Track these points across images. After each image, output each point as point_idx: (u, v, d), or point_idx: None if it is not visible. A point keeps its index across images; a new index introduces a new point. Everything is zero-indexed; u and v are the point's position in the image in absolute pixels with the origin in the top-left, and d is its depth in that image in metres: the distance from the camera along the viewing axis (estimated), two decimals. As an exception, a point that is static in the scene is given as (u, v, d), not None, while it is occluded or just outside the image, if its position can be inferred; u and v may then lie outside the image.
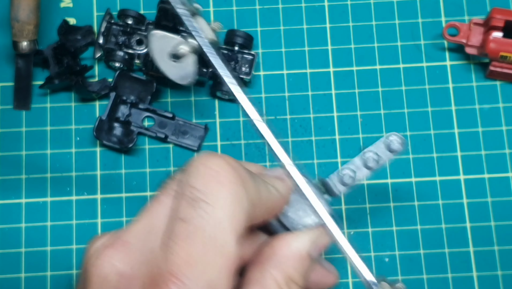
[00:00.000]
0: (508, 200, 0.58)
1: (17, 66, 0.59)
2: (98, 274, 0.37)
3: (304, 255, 0.42)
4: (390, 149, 0.47)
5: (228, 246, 0.37)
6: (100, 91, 0.59)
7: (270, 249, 0.42)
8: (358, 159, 0.48)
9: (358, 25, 0.61)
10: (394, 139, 0.47)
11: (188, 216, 0.37)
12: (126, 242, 0.38)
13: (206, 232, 0.36)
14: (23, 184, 0.58)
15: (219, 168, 0.38)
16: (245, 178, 0.39)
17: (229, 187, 0.38)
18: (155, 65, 0.57)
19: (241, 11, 0.62)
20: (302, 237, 0.42)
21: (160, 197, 0.40)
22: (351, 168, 0.47)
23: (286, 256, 0.42)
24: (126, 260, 0.37)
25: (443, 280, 0.56)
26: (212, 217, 0.37)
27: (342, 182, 0.47)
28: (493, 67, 0.59)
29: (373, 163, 0.47)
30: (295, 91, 0.60)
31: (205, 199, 0.37)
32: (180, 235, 0.36)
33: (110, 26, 0.60)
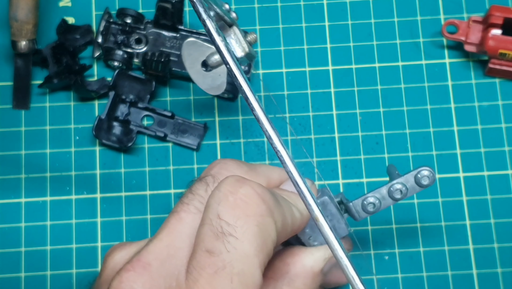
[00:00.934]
0: (507, 198, 0.58)
1: (16, 65, 0.59)
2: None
3: (316, 272, 0.42)
4: (419, 184, 0.47)
5: (255, 280, 0.37)
6: (99, 90, 0.59)
7: (284, 265, 0.42)
8: (385, 189, 0.47)
9: (357, 23, 0.61)
10: (426, 175, 0.47)
11: (216, 249, 0.36)
12: (148, 264, 0.38)
13: (234, 268, 0.36)
14: (22, 184, 0.58)
15: (249, 199, 0.38)
16: (273, 208, 0.38)
17: (258, 220, 0.37)
18: (152, 63, 0.57)
19: (240, 9, 0.62)
20: (316, 254, 0.42)
21: (181, 214, 0.39)
22: (377, 197, 0.47)
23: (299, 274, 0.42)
24: (147, 284, 0.37)
25: (443, 278, 0.56)
26: (240, 252, 0.36)
27: (365, 210, 0.47)
28: (492, 64, 0.59)
29: (399, 195, 0.47)
30: (294, 89, 0.60)
31: (233, 233, 0.37)
32: (207, 269, 0.36)
33: (109, 25, 0.60)
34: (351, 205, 0.47)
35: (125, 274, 0.37)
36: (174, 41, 0.60)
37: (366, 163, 0.58)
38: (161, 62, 0.57)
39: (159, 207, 0.57)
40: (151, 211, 0.57)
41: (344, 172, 0.58)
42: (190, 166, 0.58)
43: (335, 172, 0.58)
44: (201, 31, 0.60)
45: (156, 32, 0.60)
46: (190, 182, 0.42)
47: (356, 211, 0.47)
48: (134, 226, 0.57)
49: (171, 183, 0.58)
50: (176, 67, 0.59)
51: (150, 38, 0.60)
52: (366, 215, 0.47)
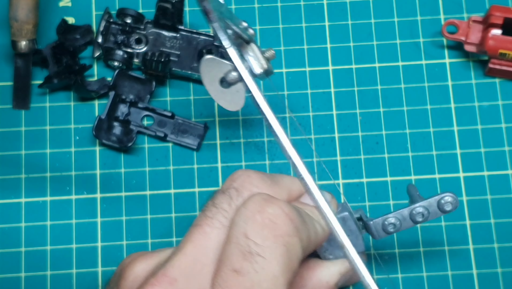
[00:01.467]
0: (507, 198, 0.58)
1: (16, 65, 0.59)
2: None
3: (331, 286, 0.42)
4: (442, 209, 0.47)
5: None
6: (99, 90, 0.59)
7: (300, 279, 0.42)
8: (407, 211, 0.48)
9: (357, 23, 0.61)
10: (449, 201, 0.47)
11: (243, 268, 0.36)
12: (174, 279, 0.37)
13: (261, 287, 0.36)
14: (22, 184, 0.58)
15: (277, 219, 0.38)
16: (300, 227, 0.38)
17: (286, 240, 0.37)
18: (152, 63, 0.57)
19: (240, 9, 0.62)
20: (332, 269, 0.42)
21: (205, 228, 0.39)
22: (398, 218, 0.47)
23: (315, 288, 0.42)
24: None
25: (443, 278, 0.56)
26: (268, 273, 0.36)
27: (385, 230, 0.48)
28: (492, 64, 0.59)
29: (420, 219, 0.47)
30: (294, 89, 0.60)
31: (261, 253, 0.37)
32: (232, 287, 0.36)
33: (109, 25, 0.60)
34: (372, 224, 0.48)
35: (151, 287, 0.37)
36: (174, 41, 0.60)
37: (366, 163, 0.58)
38: (161, 62, 0.57)
39: (159, 207, 0.57)
40: (151, 211, 0.57)
41: (344, 172, 0.58)
42: (190, 166, 0.58)
43: (335, 172, 0.58)
44: (202, 31, 0.60)
45: (156, 32, 0.60)
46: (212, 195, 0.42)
47: (376, 230, 0.48)
48: (134, 226, 0.57)
49: (171, 183, 0.58)
50: (176, 67, 0.59)
51: (150, 38, 0.60)
52: (385, 235, 0.48)
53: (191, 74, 0.59)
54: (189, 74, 0.59)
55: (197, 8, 0.62)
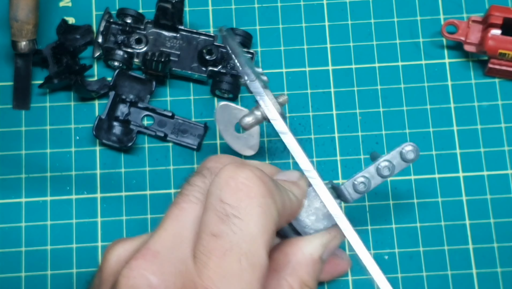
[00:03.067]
0: (507, 197, 0.58)
1: (16, 65, 0.59)
2: (129, 285, 0.37)
3: (316, 259, 0.43)
4: (405, 159, 0.48)
5: (262, 260, 0.38)
6: (100, 90, 0.59)
7: (284, 256, 0.43)
8: (372, 168, 0.48)
9: (356, 23, 0.61)
10: (410, 149, 0.48)
11: (221, 231, 0.37)
12: (156, 252, 0.38)
13: (240, 248, 0.37)
14: (23, 184, 0.58)
15: (249, 181, 0.38)
16: (273, 190, 0.39)
17: (260, 201, 0.38)
18: (152, 63, 0.57)
19: (240, 9, 0.62)
20: (314, 242, 0.43)
21: (182, 204, 0.40)
22: (366, 176, 0.48)
23: (300, 262, 0.42)
24: (158, 272, 0.38)
25: (443, 278, 0.56)
26: (246, 233, 0.37)
27: (356, 190, 0.48)
28: (491, 64, 0.59)
29: (387, 172, 0.48)
30: (294, 89, 0.60)
31: (237, 214, 0.37)
32: (212, 250, 0.37)
33: (109, 25, 0.60)
34: (343, 187, 0.48)
35: (135, 262, 0.38)
36: (174, 41, 0.60)
37: (366, 163, 0.58)
38: (161, 62, 0.57)
39: (159, 207, 0.57)
40: (151, 211, 0.57)
41: (344, 172, 0.58)
42: (190, 166, 0.58)
43: (335, 172, 0.58)
44: (201, 31, 0.60)
45: (156, 32, 0.60)
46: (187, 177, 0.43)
47: (348, 192, 0.48)
48: (134, 226, 0.57)
49: (171, 183, 0.58)
50: (176, 67, 0.59)
51: (150, 38, 0.60)
52: (357, 196, 0.48)
53: (191, 74, 0.59)
54: (189, 74, 0.59)
55: (197, 8, 0.62)
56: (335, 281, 0.56)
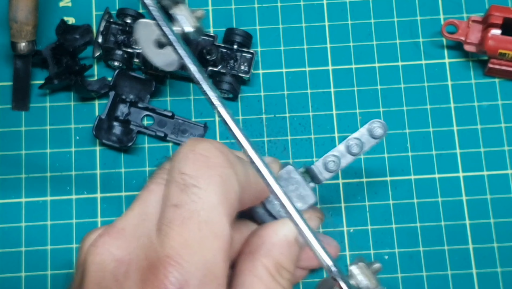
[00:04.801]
0: (507, 197, 0.58)
1: (16, 67, 0.59)
2: (95, 260, 0.38)
3: (291, 241, 0.43)
4: (373, 136, 0.49)
5: (223, 229, 0.37)
6: (100, 90, 0.59)
7: (259, 238, 0.43)
8: (342, 146, 0.49)
9: (356, 23, 0.61)
10: (376, 125, 0.49)
11: (180, 200, 0.37)
12: (121, 229, 0.38)
13: (201, 216, 0.37)
14: (23, 184, 0.58)
15: (208, 152, 0.39)
16: (234, 162, 0.40)
17: (219, 170, 0.38)
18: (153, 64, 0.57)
19: (239, 9, 0.62)
20: (288, 224, 0.43)
21: (150, 186, 0.40)
22: (336, 155, 0.49)
23: (274, 244, 0.42)
24: (123, 246, 0.38)
25: (443, 277, 0.56)
26: (205, 201, 0.37)
27: (327, 169, 0.48)
28: (491, 64, 0.59)
29: (356, 150, 0.49)
30: (294, 89, 0.60)
31: (196, 184, 0.37)
32: (174, 221, 0.37)
33: (109, 25, 0.60)
34: (314, 167, 0.48)
35: (100, 239, 0.38)
36: None
37: (366, 163, 0.58)
38: None
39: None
40: (151, 211, 0.57)
41: (344, 172, 0.58)
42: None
43: (335, 172, 0.58)
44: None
45: None
46: (158, 163, 0.43)
47: (319, 172, 0.48)
48: (134, 226, 0.57)
49: (171, 183, 0.58)
50: None
51: None
52: (329, 175, 0.48)
53: (190, 74, 0.59)
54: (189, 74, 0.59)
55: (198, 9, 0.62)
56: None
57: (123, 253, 0.38)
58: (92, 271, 0.38)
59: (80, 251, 0.41)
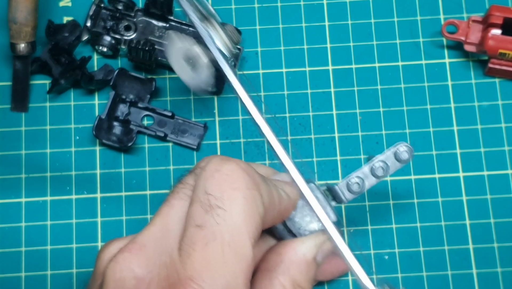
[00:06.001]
0: (507, 197, 0.58)
1: (15, 68, 0.59)
2: (116, 278, 0.38)
3: (310, 260, 0.43)
4: (399, 159, 0.48)
5: (246, 251, 0.37)
6: (106, 77, 0.59)
7: (277, 256, 0.43)
8: (367, 168, 0.49)
9: (356, 23, 0.61)
10: (404, 150, 0.48)
11: (204, 221, 0.37)
12: (143, 245, 0.38)
13: (224, 238, 0.37)
14: (22, 183, 0.58)
15: (233, 173, 0.39)
16: (259, 183, 0.40)
17: (244, 192, 0.38)
18: (140, 52, 0.57)
19: (240, 9, 0.62)
20: (307, 242, 0.43)
21: (172, 201, 0.40)
22: (360, 176, 0.48)
23: (292, 262, 0.42)
24: (144, 264, 0.38)
25: (443, 278, 0.56)
26: (229, 223, 0.37)
27: (350, 190, 0.48)
28: (492, 64, 0.59)
29: (381, 173, 0.48)
30: (294, 89, 0.60)
31: (221, 205, 0.37)
32: (198, 242, 0.37)
33: (99, 10, 0.60)
34: (337, 188, 0.48)
35: (121, 255, 0.38)
36: (163, 31, 0.60)
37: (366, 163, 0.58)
38: (145, 50, 0.57)
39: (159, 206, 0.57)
40: (151, 211, 0.57)
41: (344, 172, 0.58)
42: (190, 166, 0.58)
43: (335, 172, 0.58)
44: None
45: (146, 20, 0.60)
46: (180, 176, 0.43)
47: (342, 193, 0.48)
48: (134, 226, 0.57)
49: (171, 183, 0.58)
50: (162, 57, 0.59)
51: (140, 26, 0.60)
52: (352, 196, 0.48)
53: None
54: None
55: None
56: (335, 281, 0.56)
57: (144, 271, 0.38)
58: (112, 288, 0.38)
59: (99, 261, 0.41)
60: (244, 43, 0.61)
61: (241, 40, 0.51)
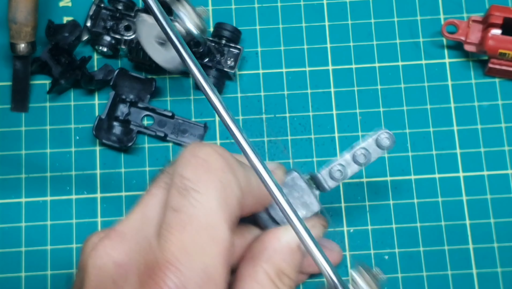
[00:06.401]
0: (507, 197, 0.58)
1: (15, 68, 0.59)
2: (95, 264, 0.38)
3: (294, 248, 0.43)
4: (380, 146, 0.49)
5: (222, 233, 0.38)
6: (106, 77, 0.59)
7: (261, 244, 0.43)
8: (348, 155, 0.49)
9: (356, 23, 0.61)
10: (384, 136, 0.49)
11: (180, 205, 0.37)
12: (121, 232, 0.39)
13: (200, 221, 0.37)
14: (23, 184, 0.58)
15: (209, 157, 0.39)
16: (235, 166, 0.40)
17: (219, 175, 0.38)
18: (140, 52, 0.57)
19: (240, 9, 0.62)
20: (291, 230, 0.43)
21: (152, 190, 0.40)
22: (342, 164, 0.48)
23: (276, 250, 0.42)
24: (122, 249, 0.38)
25: (443, 277, 0.56)
26: (204, 205, 0.37)
27: (332, 178, 0.48)
28: (492, 64, 0.59)
29: (363, 160, 0.48)
30: (294, 89, 0.60)
31: (195, 188, 0.38)
32: (173, 224, 0.37)
33: (99, 10, 0.60)
34: (319, 176, 0.48)
35: (101, 243, 0.38)
36: None
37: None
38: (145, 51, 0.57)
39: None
40: (151, 211, 0.57)
41: (344, 172, 0.58)
42: (174, 162, 0.58)
43: (335, 172, 0.58)
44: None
45: None
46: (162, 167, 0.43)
47: (324, 180, 0.48)
48: (134, 226, 0.57)
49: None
50: None
51: None
52: (334, 184, 0.48)
53: (176, 65, 0.59)
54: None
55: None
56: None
57: (123, 257, 0.38)
58: (92, 275, 0.38)
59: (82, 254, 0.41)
60: (244, 43, 0.61)
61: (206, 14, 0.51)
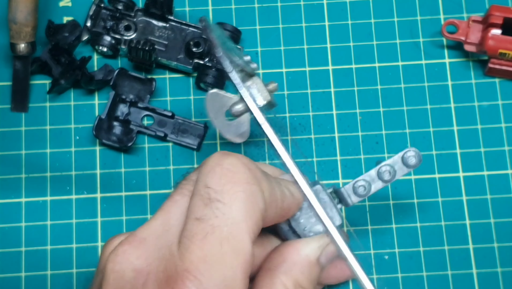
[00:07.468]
0: (507, 197, 0.58)
1: (15, 68, 0.59)
2: (114, 269, 0.38)
3: (313, 261, 0.43)
4: (406, 164, 0.49)
5: (244, 246, 0.37)
6: (107, 77, 0.59)
7: (280, 255, 0.43)
8: (374, 172, 0.49)
9: (357, 23, 0.61)
10: (412, 155, 0.49)
11: (203, 214, 0.37)
12: (143, 238, 0.39)
13: (222, 231, 0.37)
14: (22, 183, 0.58)
15: (234, 168, 0.39)
16: (260, 178, 0.40)
17: (244, 187, 0.38)
18: (140, 52, 0.57)
19: (239, 9, 0.62)
20: (311, 243, 0.43)
21: (175, 197, 0.40)
22: (366, 180, 0.48)
23: (295, 262, 0.42)
24: (143, 256, 0.38)
25: (443, 278, 0.56)
26: (227, 216, 0.37)
27: (356, 193, 0.48)
28: (492, 64, 0.59)
29: (388, 177, 0.49)
30: (294, 89, 0.60)
31: (219, 198, 0.38)
32: (196, 235, 0.37)
33: (99, 10, 0.60)
34: (343, 190, 0.49)
35: (121, 248, 0.38)
36: (163, 31, 0.60)
37: (366, 163, 0.58)
38: (145, 50, 0.57)
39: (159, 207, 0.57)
40: (151, 211, 0.57)
41: (344, 172, 0.58)
42: (190, 166, 0.58)
43: (335, 172, 0.58)
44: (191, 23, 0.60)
45: (146, 20, 0.60)
46: (185, 173, 0.43)
47: (348, 195, 0.49)
48: (134, 226, 0.57)
49: (171, 183, 0.58)
50: (162, 57, 0.59)
51: (140, 26, 0.60)
52: (358, 199, 0.49)
53: (176, 65, 0.59)
54: (175, 64, 0.59)
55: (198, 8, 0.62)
56: (335, 283, 0.56)
57: (143, 264, 0.38)
58: (111, 279, 0.38)
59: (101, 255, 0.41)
60: (244, 43, 0.61)
61: (277, 90, 0.52)
